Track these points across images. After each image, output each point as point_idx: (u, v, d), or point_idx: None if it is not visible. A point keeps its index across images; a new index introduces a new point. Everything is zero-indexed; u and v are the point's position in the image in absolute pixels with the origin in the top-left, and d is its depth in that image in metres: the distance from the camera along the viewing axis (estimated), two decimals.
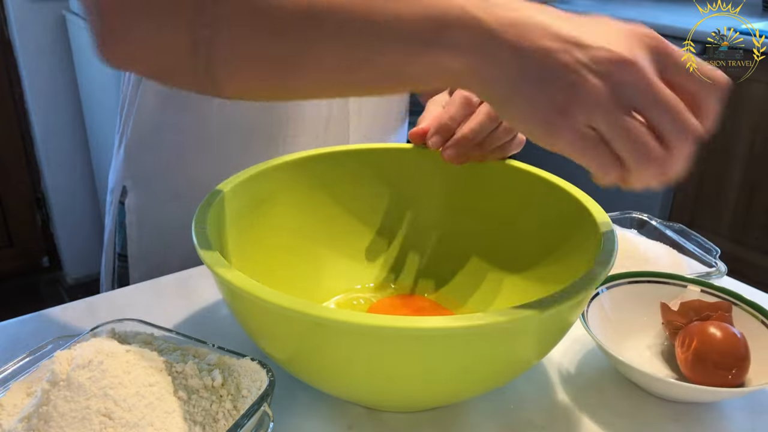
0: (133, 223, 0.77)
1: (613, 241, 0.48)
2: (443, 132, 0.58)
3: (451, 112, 0.57)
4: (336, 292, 0.64)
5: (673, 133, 0.39)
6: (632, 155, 0.39)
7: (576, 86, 0.37)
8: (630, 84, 0.38)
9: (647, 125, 0.39)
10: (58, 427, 0.39)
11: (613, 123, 0.38)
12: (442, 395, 0.48)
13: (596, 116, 0.38)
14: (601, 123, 0.38)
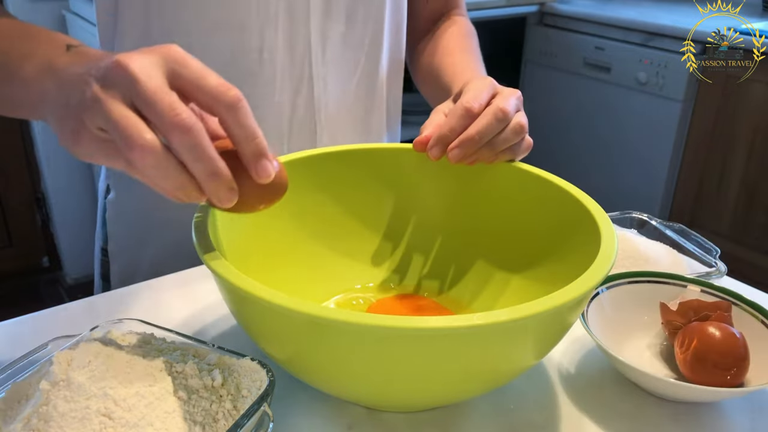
0: (113, 219, 0.79)
1: (613, 241, 0.48)
2: (443, 143, 0.58)
3: (452, 123, 0.57)
4: (336, 292, 0.64)
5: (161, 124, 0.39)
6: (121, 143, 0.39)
7: (83, 98, 0.40)
8: (119, 83, 0.39)
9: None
10: (58, 427, 0.39)
11: (106, 117, 0.39)
12: (442, 395, 0.48)
13: (97, 116, 0.40)
14: (101, 121, 0.40)
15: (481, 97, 0.58)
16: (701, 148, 2.04)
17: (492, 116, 0.56)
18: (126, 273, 0.79)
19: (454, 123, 0.57)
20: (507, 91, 0.59)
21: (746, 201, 1.98)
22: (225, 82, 0.41)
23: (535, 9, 2.37)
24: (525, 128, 0.58)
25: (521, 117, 0.59)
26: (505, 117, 0.56)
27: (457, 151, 0.57)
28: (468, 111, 0.57)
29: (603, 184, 2.29)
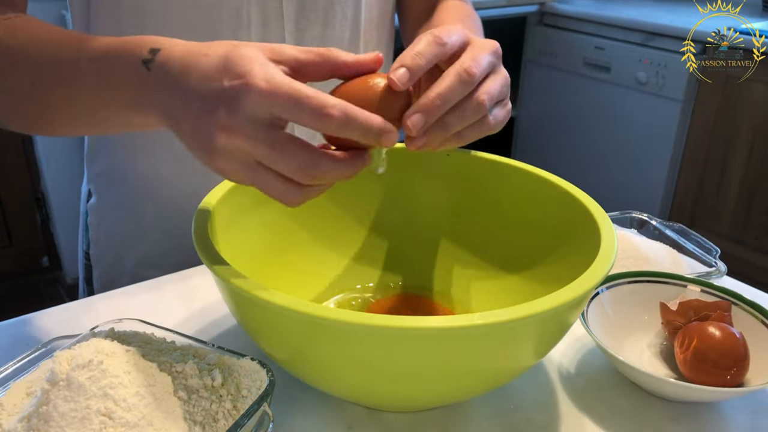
0: (94, 224, 0.80)
1: (613, 241, 0.49)
2: (410, 69, 0.44)
3: (418, 47, 0.45)
4: (336, 292, 0.64)
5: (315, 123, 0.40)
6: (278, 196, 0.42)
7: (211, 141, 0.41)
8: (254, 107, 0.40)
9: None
10: (58, 426, 0.39)
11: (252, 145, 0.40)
12: (442, 395, 0.48)
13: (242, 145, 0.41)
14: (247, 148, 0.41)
15: (451, 33, 0.47)
16: (701, 148, 2.04)
17: (455, 77, 0.45)
18: (108, 277, 0.79)
19: (421, 47, 0.45)
20: (479, 43, 0.48)
21: (746, 201, 1.98)
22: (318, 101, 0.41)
23: (535, 9, 2.37)
24: (485, 106, 0.47)
25: (499, 80, 0.49)
26: (470, 79, 0.45)
27: (418, 117, 0.44)
28: (437, 38, 0.46)
29: (603, 184, 2.29)
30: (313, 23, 0.72)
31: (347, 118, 0.40)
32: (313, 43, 0.73)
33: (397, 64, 0.44)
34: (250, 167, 0.42)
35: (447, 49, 0.46)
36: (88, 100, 0.49)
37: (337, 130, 0.41)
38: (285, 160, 0.41)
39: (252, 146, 0.40)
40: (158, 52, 0.44)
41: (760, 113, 1.89)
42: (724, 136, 1.98)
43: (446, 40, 0.46)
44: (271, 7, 0.69)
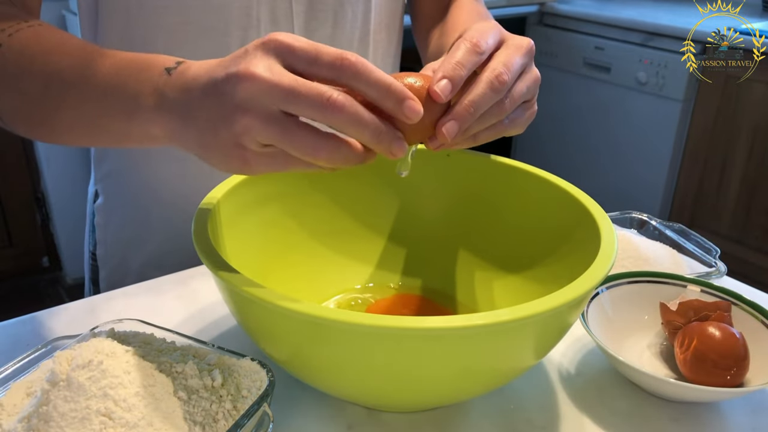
0: (101, 225, 0.80)
1: (613, 241, 0.49)
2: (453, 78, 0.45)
3: (458, 56, 0.46)
4: (336, 292, 0.64)
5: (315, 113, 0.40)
6: (303, 154, 0.41)
7: (229, 127, 0.41)
8: (256, 96, 0.40)
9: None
10: (58, 427, 0.39)
11: (270, 138, 0.40)
12: (442, 395, 0.48)
13: (259, 138, 0.40)
14: (265, 140, 0.41)
15: (487, 36, 0.48)
16: (701, 148, 2.04)
17: (487, 85, 0.46)
18: (114, 278, 0.80)
19: (461, 57, 0.46)
20: (513, 43, 0.49)
21: (746, 201, 1.98)
22: (336, 51, 0.41)
23: (535, 9, 2.37)
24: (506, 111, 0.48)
25: (527, 81, 0.49)
26: (502, 87, 0.46)
27: (452, 125, 0.45)
28: (475, 46, 0.46)
29: (603, 184, 2.29)
30: (323, 23, 0.72)
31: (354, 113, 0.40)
32: (322, 43, 0.73)
33: (440, 74, 0.45)
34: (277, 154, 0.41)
35: (485, 56, 0.47)
36: (94, 106, 0.49)
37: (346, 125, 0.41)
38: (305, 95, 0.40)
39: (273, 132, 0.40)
40: (182, 63, 0.45)
41: (760, 113, 1.89)
42: (724, 136, 1.98)
43: (484, 47, 0.47)
44: (280, 7, 0.69)
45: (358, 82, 0.41)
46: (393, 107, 0.42)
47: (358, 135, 0.41)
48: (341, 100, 0.40)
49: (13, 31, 0.53)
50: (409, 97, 0.42)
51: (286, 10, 0.70)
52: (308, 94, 0.40)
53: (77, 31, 1.80)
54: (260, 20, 0.69)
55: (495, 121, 0.48)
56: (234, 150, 0.42)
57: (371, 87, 0.41)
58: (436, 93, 0.44)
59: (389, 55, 0.82)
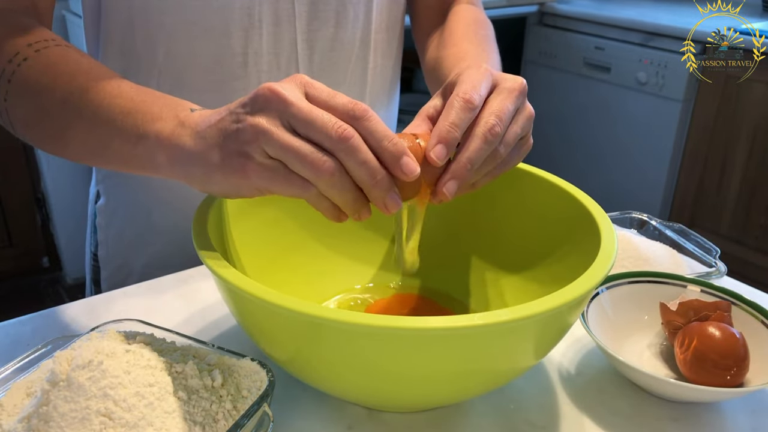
0: (102, 226, 0.80)
1: (613, 241, 0.49)
2: (446, 142, 0.47)
3: (452, 117, 0.47)
4: (336, 292, 0.64)
5: (325, 138, 0.42)
6: (304, 169, 0.42)
7: (239, 131, 0.43)
8: (273, 107, 0.42)
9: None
10: (58, 427, 0.39)
11: (277, 145, 0.42)
12: (442, 395, 0.48)
13: (266, 146, 0.42)
14: (270, 149, 0.42)
15: (479, 88, 0.49)
16: (701, 148, 2.04)
17: (482, 139, 0.47)
18: (116, 279, 0.80)
19: (455, 117, 0.47)
20: (506, 87, 0.50)
21: (746, 201, 1.98)
22: (352, 99, 0.44)
23: (535, 9, 2.37)
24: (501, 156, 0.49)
25: (520, 121, 0.50)
26: (495, 139, 0.48)
27: (452, 184, 0.48)
28: (468, 102, 0.48)
29: (603, 184, 2.29)
30: (325, 24, 0.72)
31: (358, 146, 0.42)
32: (324, 44, 0.73)
33: (434, 140, 0.47)
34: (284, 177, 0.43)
35: (478, 110, 0.49)
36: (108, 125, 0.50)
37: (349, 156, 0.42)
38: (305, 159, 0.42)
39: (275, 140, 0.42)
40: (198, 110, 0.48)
41: (760, 113, 1.89)
42: (724, 136, 1.98)
43: (477, 102, 0.48)
44: (282, 8, 0.69)
45: (361, 126, 0.43)
46: (390, 159, 0.44)
47: (358, 169, 0.43)
48: (351, 131, 0.42)
49: (40, 47, 0.55)
50: (408, 154, 0.44)
51: (288, 11, 0.70)
52: (320, 118, 0.42)
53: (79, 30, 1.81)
54: (262, 21, 0.69)
55: (491, 167, 0.50)
56: (237, 160, 0.43)
57: (374, 133, 0.43)
58: (432, 159, 0.47)
59: (390, 56, 0.82)
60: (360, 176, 0.43)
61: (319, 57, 0.73)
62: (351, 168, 0.43)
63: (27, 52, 0.54)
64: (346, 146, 0.42)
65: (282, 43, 0.71)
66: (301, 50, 0.72)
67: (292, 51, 0.72)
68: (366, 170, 0.43)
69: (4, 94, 0.55)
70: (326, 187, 0.43)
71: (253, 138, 0.42)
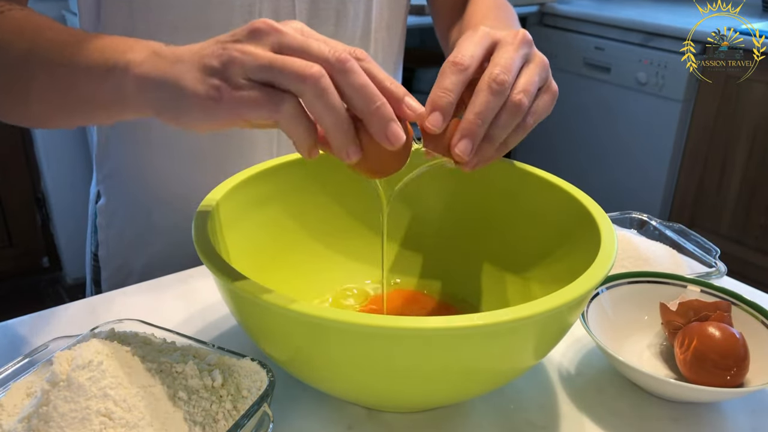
0: (103, 226, 0.80)
1: (613, 242, 0.49)
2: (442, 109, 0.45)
3: (443, 83, 0.46)
4: (335, 289, 0.64)
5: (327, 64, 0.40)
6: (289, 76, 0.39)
7: (222, 54, 0.40)
8: (266, 35, 0.40)
9: None
10: (58, 427, 0.39)
11: (259, 64, 0.39)
12: (442, 395, 0.48)
13: (246, 68, 0.39)
14: (252, 71, 0.39)
15: (467, 49, 0.47)
16: (701, 148, 2.04)
17: (487, 91, 0.45)
18: (117, 279, 0.80)
19: (445, 82, 0.45)
20: (506, 41, 0.48)
21: (746, 201, 1.98)
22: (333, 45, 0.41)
23: (535, 9, 2.37)
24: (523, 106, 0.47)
25: (534, 69, 0.48)
26: (502, 87, 0.45)
27: (465, 143, 0.45)
28: (456, 65, 0.46)
29: (603, 184, 2.29)
30: (326, 21, 0.72)
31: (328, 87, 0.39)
32: None
33: (429, 108, 0.45)
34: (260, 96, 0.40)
35: (471, 69, 0.46)
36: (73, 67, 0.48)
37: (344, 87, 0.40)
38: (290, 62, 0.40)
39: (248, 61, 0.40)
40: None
41: (760, 113, 1.89)
42: (724, 136, 1.98)
43: (466, 62, 0.46)
44: (283, 5, 0.69)
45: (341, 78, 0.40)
46: (375, 125, 0.41)
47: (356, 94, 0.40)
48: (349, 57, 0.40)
49: (5, 9, 0.54)
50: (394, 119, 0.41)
51: (288, 8, 0.70)
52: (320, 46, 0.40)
53: None
54: (262, 17, 0.69)
55: (517, 121, 0.47)
56: (212, 81, 0.40)
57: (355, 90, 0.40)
58: (428, 127, 0.45)
59: (391, 54, 0.82)
60: (358, 102, 0.40)
61: None
62: (348, 93, 0.40)
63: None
64: (343, 67, 0.39)
65: None
66: None
67: None
68: (365, 93, 0.40)
69: None
70: (312, 97, 0.39)
71: (236, 60, 0.39)
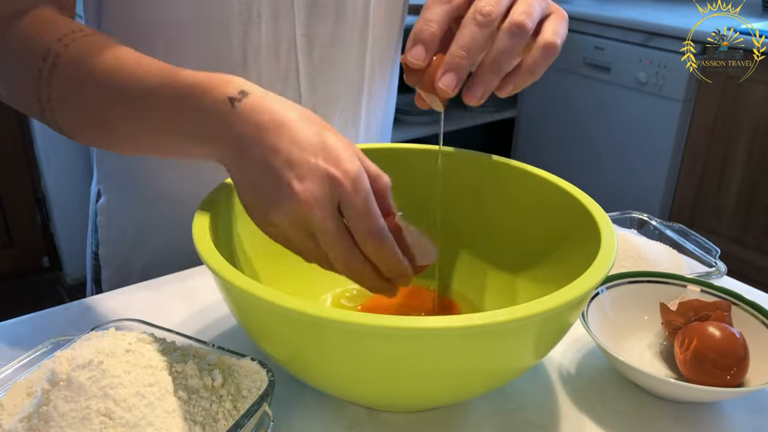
0: (104, 225, 0.80)
1: (613, 241, 0.49)
2: (424, 41, 0.45)
3: (426, 14, 0.45)
4: (334, 289, 0.64)
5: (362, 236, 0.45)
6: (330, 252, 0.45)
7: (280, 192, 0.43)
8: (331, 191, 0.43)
9: None
10: (58, 427, 0.39)
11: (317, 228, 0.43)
12: (442, 395, 0.48)
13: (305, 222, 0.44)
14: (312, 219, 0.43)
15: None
16: (701, 148, 2.04)
17: (471, 22, 0.44)
18: (117, 278, 0.80)
19: (430, 14, 0.45)
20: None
21: (746, 201, 1.98)
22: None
23: None
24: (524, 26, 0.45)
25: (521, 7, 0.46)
26: (487, 19, 0.44)
27: (449, 77, 0.45)
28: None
29: (603, 184, 2.29)
30: (325, 19, 0.72)
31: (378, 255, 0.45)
32: (323, 39, 0.73)
33: (411, 41, 0.45)
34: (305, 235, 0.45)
35: (456, 1, 0.46)
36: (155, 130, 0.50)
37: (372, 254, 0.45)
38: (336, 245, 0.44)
39: (318, 220, 0.43)
40: (247, 96, 0.46)
41: (760, 113, 1.89)
42: (724, 136, 1.98)
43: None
44: (282, 3, 0.69)
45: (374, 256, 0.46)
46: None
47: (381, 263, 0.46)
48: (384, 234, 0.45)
49: (69, 41, 0.54)
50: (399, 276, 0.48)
51: (287, 6, 0.70)
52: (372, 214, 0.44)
53: None
54: (261, 15, 0.69)
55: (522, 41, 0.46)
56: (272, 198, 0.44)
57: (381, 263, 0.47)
58: (411, 62, 0.45)
59: (389, 52, 0.82)
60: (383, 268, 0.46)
61: (319, 52, 0.73)
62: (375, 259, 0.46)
63: (59, 49, 0.53)
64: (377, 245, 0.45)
65: (281, 38, 0.71)
66: (300, 45, 0.72)
67: (291, 46, 0.72)
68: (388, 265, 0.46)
69: (45, 81, 0.53)
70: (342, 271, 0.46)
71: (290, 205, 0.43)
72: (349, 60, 0.76)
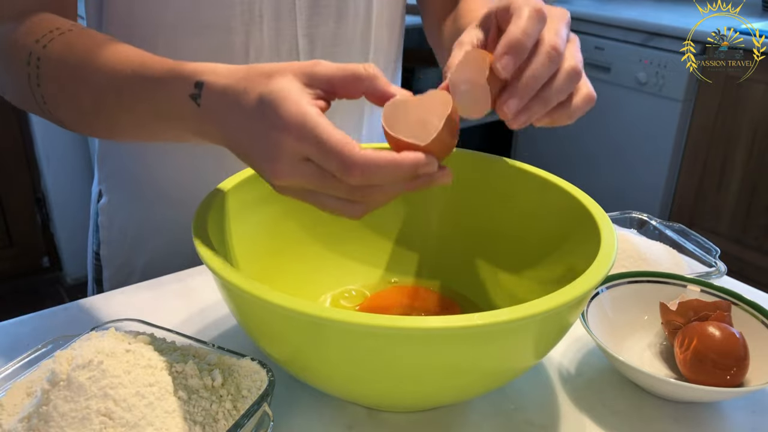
0: (105, 225, 0.80)
1: (613, 241, 0.49)
2: (516, 51, 0.45)
3: (523, 25, 0.45)
4: (334, 289, 0.64)
5: None
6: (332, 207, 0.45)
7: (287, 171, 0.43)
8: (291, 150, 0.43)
9: None
10: (58, 427, 0.39)
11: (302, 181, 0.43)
12: (442, 395, 0.48)
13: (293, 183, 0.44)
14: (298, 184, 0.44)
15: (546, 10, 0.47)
16: (701, 148, 2.04)
17: (545, 56, 0.45)
18: (118, 277, 0.80)
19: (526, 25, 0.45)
20: (555, 14, 0.48)
21: (746, 201, 1.98)
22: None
23: None
24: (579, 71, 0.48)
25: (574, 56, 0.48)
26: (557, 56, 0.46)
27: (515, 101, 0.46)
28: (541, 14, 0.46)
29: (603, 184, 2.29)
30: (326, 20, 0.72)
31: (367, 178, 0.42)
32: (325, 39, 0.73)
33: (504, 48, 0.45)
34: (306, 194, 0.45)
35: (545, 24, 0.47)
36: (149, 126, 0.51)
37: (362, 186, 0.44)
38: (334, 188, 0.43)
39: (302, 182, 0.43)
40: (203, 87, 0.46)
41: (760, 113, 1.89)
42: (724, 136, 1.98)
43: (545, 13, 0.46)
44: (283, 3, 0.69)
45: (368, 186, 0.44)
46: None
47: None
48: None
49: (46, 42, 0.55)
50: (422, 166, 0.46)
51: (289, 6, 0.70)
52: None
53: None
54: (263, 16, 0.69)
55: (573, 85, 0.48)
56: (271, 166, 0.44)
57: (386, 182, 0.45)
58: (499, 71, 0.45)
59: (391, 53, 0.82)
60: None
61: (320, 52, 0.73)
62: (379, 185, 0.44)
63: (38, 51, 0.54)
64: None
65: (283, 39, 0.71)
66: (302, 46, 0.72)
67: (293, 46, 0.72)
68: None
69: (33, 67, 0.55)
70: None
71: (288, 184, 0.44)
72: (351, 60, 0.76)
